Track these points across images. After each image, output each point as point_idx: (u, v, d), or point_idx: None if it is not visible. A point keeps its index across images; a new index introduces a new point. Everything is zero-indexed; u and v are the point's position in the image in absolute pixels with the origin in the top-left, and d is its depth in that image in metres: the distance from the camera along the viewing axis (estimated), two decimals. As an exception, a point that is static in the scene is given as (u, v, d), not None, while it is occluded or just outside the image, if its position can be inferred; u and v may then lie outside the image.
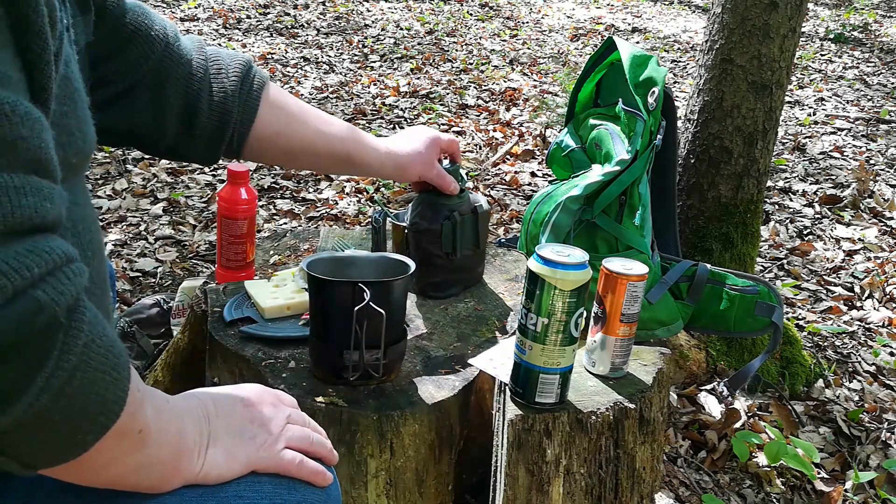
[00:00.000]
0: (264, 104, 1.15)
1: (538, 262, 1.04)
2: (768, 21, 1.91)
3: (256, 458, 0.76)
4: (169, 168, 3.25)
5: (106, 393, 0.58)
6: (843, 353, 2.27)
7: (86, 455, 0.60)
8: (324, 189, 3.14)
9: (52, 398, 0.54)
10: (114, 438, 0.61)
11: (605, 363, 1.19)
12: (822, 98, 4.99)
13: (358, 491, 1.16)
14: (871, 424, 1.95)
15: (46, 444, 0.58)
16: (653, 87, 1.59)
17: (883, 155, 3.99)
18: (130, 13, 1.01)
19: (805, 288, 2.63)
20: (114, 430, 0.60)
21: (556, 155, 1.84)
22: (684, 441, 1.83)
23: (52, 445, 0.58)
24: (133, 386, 0.62)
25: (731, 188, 2.01)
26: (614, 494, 1.16)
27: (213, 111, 1.10)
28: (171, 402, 0.73)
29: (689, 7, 8.38)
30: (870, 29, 7.13)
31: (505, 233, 2.85)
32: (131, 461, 0.66)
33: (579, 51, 6.08)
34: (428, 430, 1.17)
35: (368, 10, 7.07)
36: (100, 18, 0.94)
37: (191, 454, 0.72)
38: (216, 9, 6.54)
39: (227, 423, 0.76)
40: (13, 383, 0.52)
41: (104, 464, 0.64)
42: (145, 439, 0.66)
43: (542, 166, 3.51)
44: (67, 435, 0.58)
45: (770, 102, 1.97)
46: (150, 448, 0.67)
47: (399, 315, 1.18)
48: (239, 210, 1.49)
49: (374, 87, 4.66)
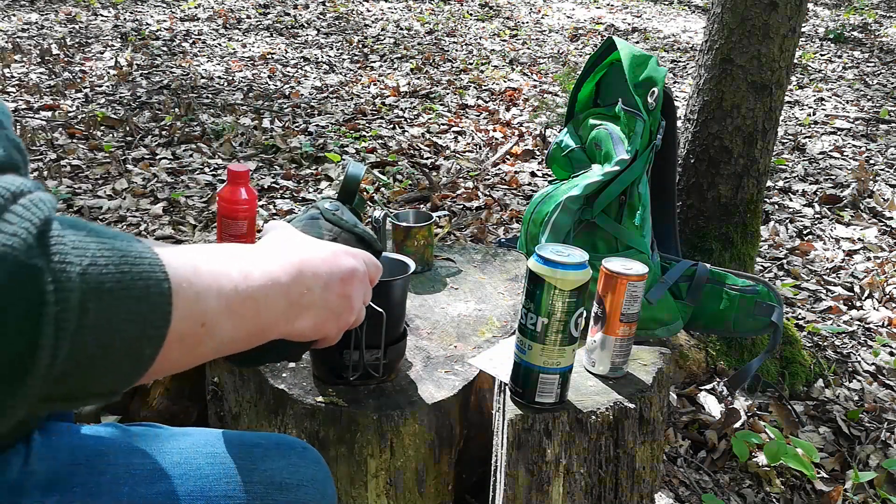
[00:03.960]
0: None
1: (538, 262, 1.04)
2: (768, 21, 1.91)
3: (336, 331, 0.76)
4: (169, 168, 3.25)
5: (139, 308, 0.52)
6: (842, 352, 2.27)
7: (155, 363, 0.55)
8: (324, 189, 3.14)
9: (74, 342, 0.48)
10: (175, 342, 0.55)
11: (605, 363, 1.19)
12: (821, 98, 4.99)
13: (358, 491, 1.16)
14: (870, 424, 1.95)
15: (105, 374, 0.52)
16: (652, 87, 1.59)
17: (883, 155, 3.99)
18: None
19: (805, 288, 2.63)
20: (172, 336, 0.55)
21: (555, 155, 1.84)
22: (684, 441, 1.83)
23: (112, 373, 0.53)
24: (176, 285, 0.55)
25: (731, 188, 2.02)
26: (614, 494, 1.16)
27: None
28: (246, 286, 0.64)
29: (689, 7, 8.38)
30: (870, 29, 7.13)
31: (505, 233, 2.85)
32: (204, 349, 0.61)
33: (579, 51, 6.08)
34: (428, 429, 1.17)
35: (368, 10, 7.07)
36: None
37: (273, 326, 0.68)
38: (216, 9, 6.54)
39: (325, 298, 0.73)
40: (18, 347, 0.46)
41: (177, 359, 0.58)
42: (212, 330, 0.60)
43: (542, 166, 3.51)
44: (120, 360, 0.52)
45: (770, 102, 1.97)
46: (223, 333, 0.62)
47: (399, 315, 1.18)
48: (239, 210, 1.49)
49: (374, 87, 4.66)
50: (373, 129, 3.87)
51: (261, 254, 0.69)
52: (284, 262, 0.69)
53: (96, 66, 4.74)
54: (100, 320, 0.49)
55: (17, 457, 0.72)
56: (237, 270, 0.63)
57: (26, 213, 0.47)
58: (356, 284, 0.76)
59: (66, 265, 0.48)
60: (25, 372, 0.47)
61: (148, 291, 0.52)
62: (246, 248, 0.69)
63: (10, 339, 0.46)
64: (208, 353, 0.62)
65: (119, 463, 0.75)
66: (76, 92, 4.20)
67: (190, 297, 0.56)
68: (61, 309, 0.47)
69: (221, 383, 1.33)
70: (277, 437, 0.85)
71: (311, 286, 0.71)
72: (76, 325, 0.48)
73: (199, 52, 5.27)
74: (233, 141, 3.56)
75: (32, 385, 0.47)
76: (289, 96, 4.39)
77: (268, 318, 0.66)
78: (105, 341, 0.50)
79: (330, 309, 0.73)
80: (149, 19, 6.07)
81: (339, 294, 0.74)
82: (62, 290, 0.47)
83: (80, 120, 3.73)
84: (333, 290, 0.73)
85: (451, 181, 3.27)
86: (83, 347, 0.49)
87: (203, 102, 4.13)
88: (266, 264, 0.67)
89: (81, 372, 0.50)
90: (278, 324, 0.68)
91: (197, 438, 0.81)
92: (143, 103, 4.07)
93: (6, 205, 0.47)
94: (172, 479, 0.75)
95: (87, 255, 0.49)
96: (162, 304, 0.53)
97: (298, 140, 3.63)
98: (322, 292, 0.72)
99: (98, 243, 0.50)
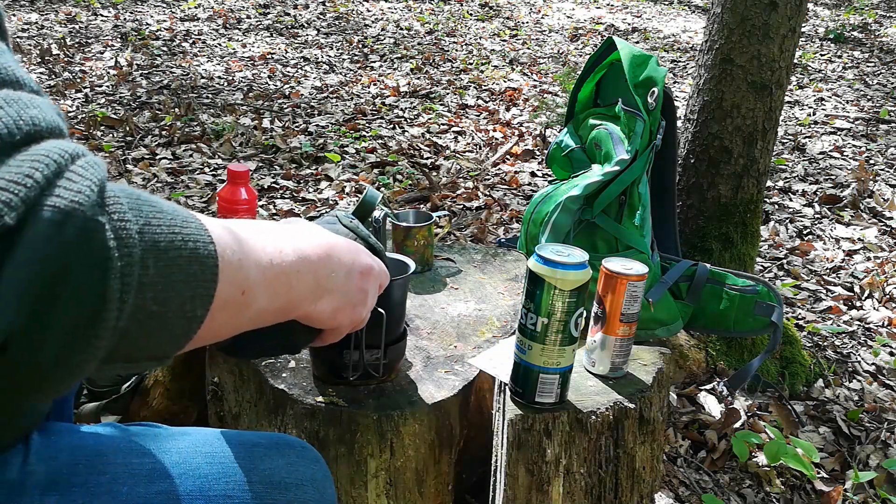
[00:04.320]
0: None
1: (538, 262, 1.04)
2: (768, 21, 1.91)
3: (348, 323, 0.78)
4: (169, 168, 3.25)
5: (190, 268, 0.54)
6: (842, 352, 2.27)
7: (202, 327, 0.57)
8: (324, 189, 3.14)
9: (137, 297, 0.50)
10: (220, 308, 0.58)
11: (605, 363, 1.19)
12: (821, 98, 4.99)
13: (358, 491, 1.16)
14: (870, 424, 1.95)
15: (161, 334, 0.54)
16: (652, 87, 1.59)
17: (883, 155, 3.99)
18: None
19: (805, 288, 2.63)
20: (217, 301, 0.57)
21: (555, 155, 1.84)
22: (684, 441, 1.83)
23: (167, 334, 0.54)
24: (220, 250, 0.57)
25: (731, 188, 2.01)
26: (614, 494, 1.16)
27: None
28: (280, 261, 0.67)
29: (689, 7, 8.38)
30: (869, 29, 7.13)
31: (505, 233, 2.85)
32: (242, 319, 0.64)
33: (579, 51, 6.08)
34: (428, 429, 1.17)
35: (368, 10, 7.07)
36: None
37: (300, 303, 0.71)
38: (216, 9, 6.54)
39: (346, 285, 0.76)
40: (89, 301, 0.47)
41: (220, 326, 0.61)
42: (250, 299, 0.62)
43: (542, 166, 3.51)
44: (175, 320, 0.54)
45: (770, 102, 1.97)
46: (258, 304, 0.64)
47: (399, 315, 1.18)
48: (239, 210, 1.49)
49: (374, 87, 4.66)
50: (373, 129, 3.87)
51: (293, 232, 0.71)
52: (314, 243, 0.72)
53: (96, 66, 4.74)
54: (158, 278, 0.51)
55: (17, 456, 0.72)
56: (272, 245, 0.66)
57: (86, 172, 0.49)
58: (372, 281, 0.80)
59: (125, 223, 0.49)
60: (95, 326, 0.48)
61: (197, 253, 0.54)
62: (278, 226, 0.72)
63: (80, 293, 0.47)
64: (245, 322, 0.64)
65: (118, 463, 0.75)
66: (76, 92, 4.20)
67: (233, 263, 0.59)
68: (125, 264, 0.48)
69: (221, 383, 1.33)
70: (277, 437, 0.85)
71: (336, 270, 0.74)
72: (138, 282, 0.49)
73: (199, 52, 5.27)
74: (233, 141, 3.56)
75: (102, 339, 0.49)
76: (289, 96, 4.39)
77: (298, 293, 0.69)
78: (162, 299, 0.52)
79: (349, 298, 0.76)
80: (149, 19, 6.07)
81: (357, 286, 0.77)
82: (124, 246, 0.49)
83: (80, 120, 3.73)
84: (354, 281, 0.77)
85: (451, 181, 3.27)
86: (144, 304, 0.50)
87: (203, 102, 4.13)
88: (298, 242, 0.70)
89: (142, 330, 0.52)
90: (304, 301, 0.71)
91: (196, 438, 0.81)
92: (143, 103, 4.07)
93: (67, 164, 0.48)
94: (172, 479, 0.75)
95: (141, 215, 0.51)
96: (211, 266, 0.56)
97: (298, 140, 3.63)
98: (345, 279, 0.75)
99: (149, 206, 0.52)
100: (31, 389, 0.49)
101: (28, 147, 0.48)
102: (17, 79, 0.52)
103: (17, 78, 0.53)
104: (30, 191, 0.45)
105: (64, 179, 0.47)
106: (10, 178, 0.45)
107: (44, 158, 0.47)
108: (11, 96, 0.49)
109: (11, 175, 0.45)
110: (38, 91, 0.53)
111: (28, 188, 0.45)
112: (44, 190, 0.46)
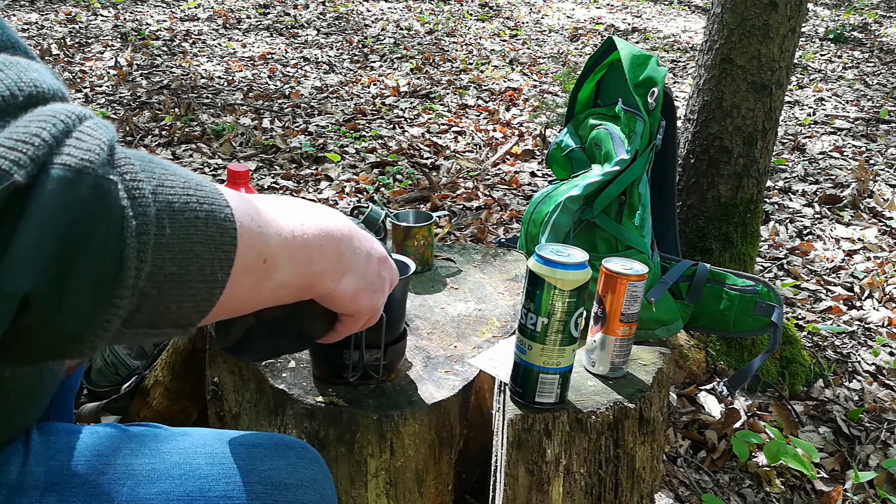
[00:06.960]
0: None
1: (538, 262, 1.04)
2: (768, 21, 1.91)
3: (367, 307, 0.77)
4: (169, 168, 3.25)
5: (208, 230, 0.53)
6: (842, 352, 2.27)
7: (224, 294, 0.56)
8: (324, 189, 3.14)
9: (154, 256, 0.49)
10: (241, 274, 0.57)
11: (605, 363, 1.19)
12: (821, 98, 4.99)
13: (358, 491, 1.16)
14: (870, 424, 1.95)
15: (183, 297, 0.53)
16: (652, 87, 1.59)
17: (883, 155, 3.99)
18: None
19: (805, 288, 2.63)
20: (238, 266, 0.56)
21: (555, 155, 1.84)
22: (684, 441, 1.83)
23: (189, 297, 0.53)
24: (238, 215, 0.56)
25: (731, 188, 2.02)
26: (614, 494, 1.16)
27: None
28: (303, 233, 0.66)
29: (689, 7, 8.38)
30: (869, 29, 7.13)
31: (505, 233, 2.85)
32: (264, 289, 0.62)
33: (579, 51, 6.08)
34: (428, 429, 1.17)
35: (368, 10, 7.07)
36: None
37: (321, 279, 0.69)
38: (216, 9, 6.54)
39: (367, 266, 0.75)
40: (107, 259, 0.47)
41: (244, 293, 0.60)
42: (272, 268, 0.61)
43: (542, 166, 3.51)
44: (196, 283, 0.53)
45: (770, 102, 1.97)
46: (280, 275, 0.63)
47: (399, 315, 1.18)
48: (239, 210, 1.49)
49: (374, 87, 4.66)
50: (373, 129, 3.87)
51: (314, 208, 0.71)
52: (336, 221, 0.71)
53: (96, 66, 4.74)
54: (175, 238, 0.50)
55: (17, 457, 0.72)
56: (294, 218, 0.65)
57: (95, 132, 0.48)
58: (388, 271, 0.79)
59: (138, 182, 0.48)
60: (114, 285, 0.47)
61: (213, 215, 0.53)
62: (300, 202, 0.71)
63: (98, 252, 0.46)
64: (267, 294, 0.63)
65: (118, 463, 0.75)
66: (76, 92, 4.20)
67: (253, 229, 0.58)
68: (141, 223, 0.48)
69: (221, 383, 1.33)
70: (277, 437, 0.85)
71: (357, 249, 0.73)
72: (155, 241, 0.49)
73: (199, 52, 5.27)
74: (233, 141, 3.56)
75: (122, 298, 0.48)
76: (289, 96, 4.39)
77: (320, 267, 0.68)
78: (181, 260, 0.51)
79: (369, 281, 0.75)
80: (149, 19, 6.07)
81: (376, 270, 0.76)
82: (138, 205, 0.48)
83: (79, 120, 3.73)
84: (373, 264, 0.76)
85: (451, 181, 3.27)
86: (162, 265, 0.50)
87: (203, 102, 4.13)
88: (320, 218, 0.69)
89: (163, 293, 0.51)
90: (325, 277, 0.69)
91: (196, 439, 0.81)
92: (142, 103, 4.07)
93: (75, 124, 0.47)
94: (172, 480, 0.75)
95: (154, 175, 0.50)
96: (229, 229, 0.55)
97: (298, 140, 3.63)
98: (366, 261, 0.74)
99: (161, 168, 0.51)
100: (51, 350, 0.49)
101: (33, 109, 0.47)
102: (13, 43, 0.52)
103: (14, 42, 0.52)
104: (38, 149, 0.44)
105: (73, 139, 0.46)
106: (17, 138, 0.44)
107: (51, 118, 0.46)
108: (10, 60, 0.49)
109: (18, 135, 0.44)
110: (34, 58, 0.52)
111: (36, 146, 0.44)
112: (52, 149, 0.45)
